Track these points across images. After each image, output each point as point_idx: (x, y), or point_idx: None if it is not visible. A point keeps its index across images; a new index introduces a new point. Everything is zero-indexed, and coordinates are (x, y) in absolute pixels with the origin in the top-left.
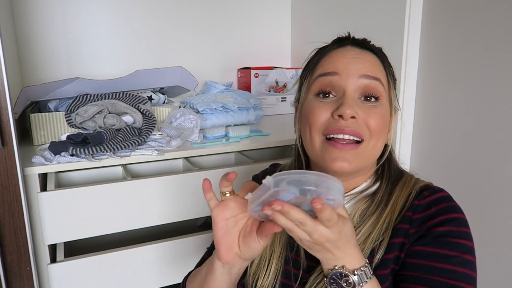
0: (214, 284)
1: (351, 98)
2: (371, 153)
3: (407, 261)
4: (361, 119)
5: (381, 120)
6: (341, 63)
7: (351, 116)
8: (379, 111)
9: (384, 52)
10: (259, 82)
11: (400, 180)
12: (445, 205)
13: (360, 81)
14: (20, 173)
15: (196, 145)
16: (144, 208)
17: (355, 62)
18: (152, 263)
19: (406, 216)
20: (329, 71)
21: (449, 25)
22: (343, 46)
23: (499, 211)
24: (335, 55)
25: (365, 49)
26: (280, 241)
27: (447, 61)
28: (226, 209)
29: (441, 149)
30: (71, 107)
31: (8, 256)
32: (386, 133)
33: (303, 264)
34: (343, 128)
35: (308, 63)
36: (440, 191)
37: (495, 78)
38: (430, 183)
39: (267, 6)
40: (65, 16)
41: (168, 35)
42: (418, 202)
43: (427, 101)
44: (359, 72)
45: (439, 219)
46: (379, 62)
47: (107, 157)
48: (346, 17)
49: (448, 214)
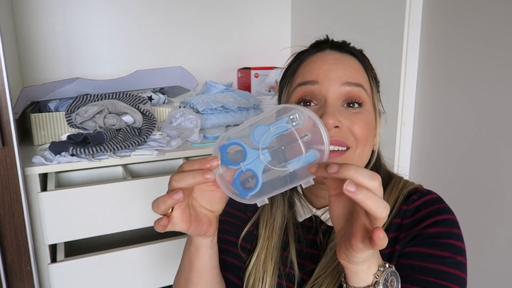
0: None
1: (333, 106)
2: (359, 160)
3: (400, 262)
4: (345, 127)
5: (366, 126)
6: (321, 70)
7: (334, 125)
8: (363, 117)
9: (365, 54)
10: (259, 82)
11: (389, 185)
12: (435, 207)
13: (341, 88)
14: (20, 173)
15: (196, 145)
16: (144, 208)
17: (336, 68)
18: (152, 263)
19: (394, 224)
20: (308, 79)
21: (449, 25)
22: (322, 50)
23: (500, 210)
24: (314, 61)
25: (345, 52)
26: (272, 258)
27: (447, 60)
28: (182, 220)
29: (441, 148)
30: (71, 107)
31: (8, 256)
32: (372, 139)
33: (297, 277)
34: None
35: (286, 70)
36: (429, 194)
37: (495, 78)
38: (419, 186)
39: (267, 6)
40: (65, 16)
41: (168, 35)
42: (407, 207)
43: (427, 100)
44: (340, 79)
45: (430, 220)
46: (360, 66)
47: (107, 157)
48: (346, 17)
49: (438, 215)
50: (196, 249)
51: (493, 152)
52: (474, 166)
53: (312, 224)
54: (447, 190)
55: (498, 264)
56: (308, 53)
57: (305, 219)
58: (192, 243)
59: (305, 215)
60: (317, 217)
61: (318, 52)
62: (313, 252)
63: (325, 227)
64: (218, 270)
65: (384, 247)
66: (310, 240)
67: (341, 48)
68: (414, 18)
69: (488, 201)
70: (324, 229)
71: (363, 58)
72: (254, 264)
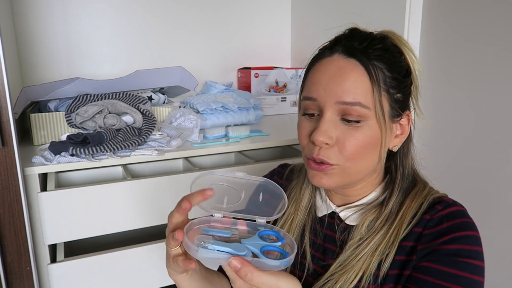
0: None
1: (328, 121)
2: (353, 172)
3: (414, 275)
4: (336, 143)
5: (358, 143)
6: (320, 86)
7: (324, 143)
8: (359, 134)
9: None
10: (259, 82)
11: (413, 189)
12: (458, 221)
13: (337, 106)
14: (20, 173)
15: (196, 145)
16: (144, 208)
17: (334, 82)
18: (152, 263)
19: (414, 233)
20: (309, 95)
21: (449, 24)
22: (331, 55)
23: (500, 211)
24: (318, 71)
25: (350, 57)
26: (294, 234)
27: (447, 60)
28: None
29: (441, 148)
30: (71, 107)
31: (8, 256)
32: (373, 153)
33: (309, 267)
34: (314, 157)
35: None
36: (454, 205)
37: (495, 77)
38: (444, 195)
39: (267, 6)
40: (65, 16)
41: (168, 35)
42: (430, 217)
43: (427, 100)
44: (335, 98)
45: (450, 236)
46: (365, 76)
47: (107, 157)
48: (346, 17)
49: (460, 231)
50: (179, 285)
51: (493, 152)
52: (474, 165)
53: (331, 220)
54: (446, 189)
55: (497, 264)
56: (319, 56)
57: (324, 215)
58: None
59: (324, 211)
60: (335, 213)
61: (327, 57)
62: (329, 247)
63: (344, 225)
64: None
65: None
66: (328, 235)
67: (350, 53)
68: (414, 18)
69: (488, 200)
70: (343, 227)
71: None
72: None
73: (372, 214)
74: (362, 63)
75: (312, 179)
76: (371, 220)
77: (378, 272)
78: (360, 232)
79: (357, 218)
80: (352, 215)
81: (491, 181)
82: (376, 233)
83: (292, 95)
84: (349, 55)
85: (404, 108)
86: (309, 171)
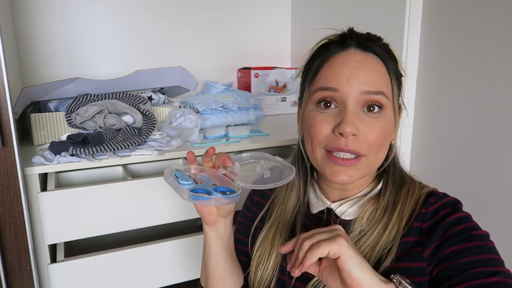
0: (211, 249)
1: (353, 112)
2: (372, 165)
3: (441, 270)
4: (361, 134)
5: (381, 134)
6: (342, 76)
7: (352, 134)
8: (381, 123)
9: (390, 49)
10: (259, 82)
11: (404, 185)
12: (451, 208)
13: (362, 96)
14: (20, 173)
15: (196, 145)
16: (144, 208)
17: (357, 74)
18: (152, 263)
19: (414, 228)
20: (330, 86)
21: (449, 24)
22: (346, 48)
23: (500, 211)
24: (337, 64)
25: (369, 52)
26: (281, 236)
27: (447, 60)
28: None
29: (441, 148)
30: (71, 107)
31: (8, 256)
32: (388, 143)
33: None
34: (343, 147)
35: (309, 63)
36: (446, 197)
37: (495, 77)
38: (435, 189)
39: (267, 6)
40: (65, 16)
41: (168, 35)
42: (425, 210)
43: (427, 100)
44: (361, 88)
45: (451, 218)
46: (383, 68)
47: (107, 157)
48: (346, 17)
49: (457, 213)
50: (205, 235)
51: (493, 152)
52: (474, 165)
53: (327, 217)
54: (447, 189)
55: None
56: (332, 52)
57: (319, 211)
58: (204, 231)
59: (319, 207)
60: (331, 209)
61: (343, 51)
62: None
63: (340, 221)
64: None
65: None
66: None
67: (366, 47)
68: (414, 18)
69: (488, 200)
70: (339, 223)
71: (387, 57)
72: (263, 239)
73: (371, 206)
74: (379, 56)
75: (334, 176)
76: (370, 212)
77: (379, 267)
78: (361, 224)
79: (356, 211)
80: (348, 210)
81: (491, 181)
82: (377, 224)
83: (292, 95)
84: (365, 49)
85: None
86: (330, 167)
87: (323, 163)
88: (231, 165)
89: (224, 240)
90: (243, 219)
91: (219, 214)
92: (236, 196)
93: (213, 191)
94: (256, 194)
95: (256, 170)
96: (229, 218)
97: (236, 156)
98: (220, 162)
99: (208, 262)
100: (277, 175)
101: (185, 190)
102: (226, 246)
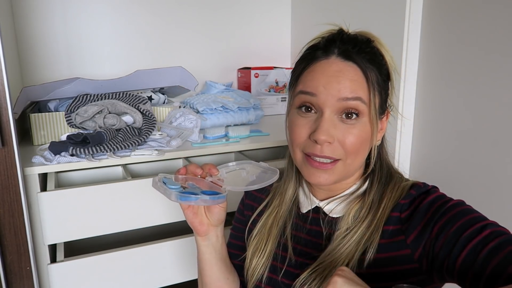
0: (204, 259)
1: (328, 120)
2: (350, 168)
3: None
4: (336, 141)
5: (357, 140)
6: (320, 82)
7: (326, 141)
8: (356, 131)
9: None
10: (259, 82)
11: (391, 182)
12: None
13: (338, 103)
14: (20, 173)
15: (196, 145)
16: (144, 208)
17: (335, 82)
18: (151, 263)
19: (393, 217)
20: (308, 90)
21: (449, 25)
22: (327, 56)
23: (500, 211)
24: (317, 70)
25: (349, 61)
26: (278, 225)
27: (447, 60)
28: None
29: (441, 148)
30: (71, 107)
31: (8, 256)
32: (367, 148)
33: (290, 259)
34: (318, 154)
35: (296, 67)
36: (426, 187)
37: (494, 78)
38: (418, 182)
39: (267, 6)
40: (65, 16)
41: (168, 35)
42: (404, 201)
43: (427, 100)
44: (338, 95)
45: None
46: (362, 77)
47: (107, 157)
48: (346, 17)
49: (430, 195)
50: (198, 246)
51: (493, 152)
52: (474, 165)
53: (316, 215)
54: (447, 189)
55: None
56: (314, 57)
57: (309, 210)
58: (196, 242)
59: (309, 206)
60: (319, 208)
61: (323, 60)
62: (315, 241)
63: (329, 219)
64: (221, 267)
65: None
66: (313, 230)
67: (347, 56)
68: (414, 18)
69: (488, 200)
70: (328, 220)
71: (368, 65)
72: (260, 227)
73: (357, 204)
74: (359, 65)
75: (310, 177)
76: (356, 210)
77: (364, 257)
78: (347, 221)
79: (342, 209)
80: (336, 207)
81: (492, 182)
82: (362, 222)
83: None
84: (346, 58)
85: (386, 106)
86: (307, 169)
87: (301, 165)
88: (217, 173)
89: (216, 249)
90: (237, 223)
91: (211, 223)
92: (222, 197)
93: (201, 193)
94: (248, 197)
95: (242, 175)
96: (220, 227)
97: (221, 165)
98: (206, 171)
99: (203, 271)
100: (261, 178)
101: (173, 192)
102: (219, 254)
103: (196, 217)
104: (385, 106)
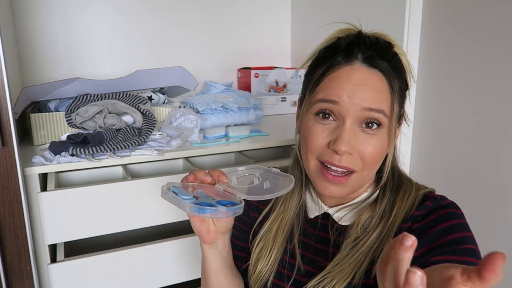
0: (210, 266)
1: (350, 130)
2: (362, 180)
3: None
4: (356, 152)
5: (377, 152)
6: (344, 91)
7: (348, 152)
8: (375, 142)
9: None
10: (259, 82)
11: (402, 187)
12: (444, 211)
13: (361, 113)
14: (20, 173)
15: (196, 145)
16: (144, 208)
17: (360, 90)
18: (152, 263)
19: (403, 229)
20: (330, 98)
21: (449, 25)
22: (351, 62)
23: (501, 212)
24: (340, 78)
25: (373, 68)
26: (283, 232)
27: (447, 60)
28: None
29: (441, 148)
30: (71, 107)
31: (8, 256)
32: (382, 159)
33: (299, 268)
34: (336, 163)
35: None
36: (443, 200)
37: (495, 77)
38: (432, 190)
39: (267, 6)
40: (65, 16)
41: (168, 35)
42: (419, 213)
43: (427, 100)
44: (362, 104)
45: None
46: (386, 86)
47: (107, 157)
48: (346, 17)
49: (449, 220)
50: (203, 254)
51: (493, 152)
52: (474, 165)
53: (325, 222)
54: (447, 189)
55: None
56: (336, 64)
57: (317, 216)
58: (201, 249)
59: (317, 212)
60: (328, 214)
61: (347, 65)
62: (323, 248)
63: (338, 226)
64: (227, 274)
65: None
66: (321, 236)
67: (371, 62)
68: (414, 18)
69: (489, 201)
70: (337, 227)
71: (392, 73)
72: (264, 234)
73: (367, 213)
74: (384, 74)
75: (324, 190)
76: (366, 219)
77: (371, 267)
78: (356, 231)
79: (352, 217)
80: (346, 215)
81: (493, 182)
82: (372, 232)
83: (292, 95)
84: (371, 66)
85: (402, 115)
86: (321, 181)
87: (314, 176)
88: (226, 180)
89: (223, 256)
90: (240, 224)
91: (218, 231)
92: (240, 208)
93: (217, 204)
94: None
95: (254, 182)
96: (228, 234)
97: (230, 169)
98: (215, 178)
99: (209, 278)
100: (276, 185)
101: (188, 204)
102: (226, 261)
103: (203, 225)
104: (402, 114)
